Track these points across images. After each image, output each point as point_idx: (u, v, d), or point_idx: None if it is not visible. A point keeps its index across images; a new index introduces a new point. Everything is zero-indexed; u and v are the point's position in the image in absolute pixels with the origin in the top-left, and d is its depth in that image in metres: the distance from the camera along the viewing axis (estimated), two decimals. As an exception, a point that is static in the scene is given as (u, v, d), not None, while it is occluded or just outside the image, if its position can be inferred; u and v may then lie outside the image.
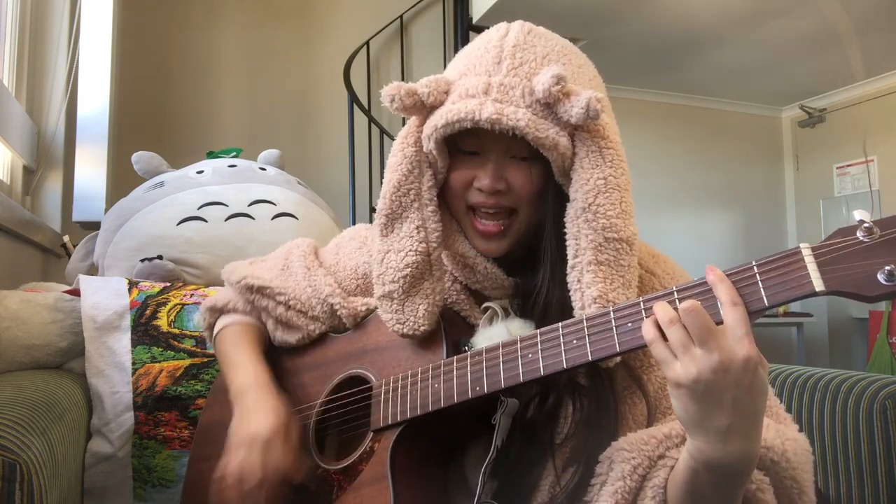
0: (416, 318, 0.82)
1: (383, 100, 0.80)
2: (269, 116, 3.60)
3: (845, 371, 1.33)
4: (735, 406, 0.60)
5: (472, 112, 0.76)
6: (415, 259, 0.82)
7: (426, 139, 0.81)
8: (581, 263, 0.76)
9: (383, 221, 0.84)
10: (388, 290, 0.83)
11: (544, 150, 0.77)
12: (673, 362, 0.61)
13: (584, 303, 0.75)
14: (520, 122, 0.75)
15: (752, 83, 5.17)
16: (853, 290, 0.57)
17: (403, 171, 0.83)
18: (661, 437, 0.73)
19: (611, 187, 0.76)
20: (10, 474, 0.66)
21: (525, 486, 0.79)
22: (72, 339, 1.25)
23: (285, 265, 1.05)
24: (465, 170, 0.82)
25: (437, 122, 0.78)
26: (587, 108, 0.73)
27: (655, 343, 0.62)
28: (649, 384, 0.80)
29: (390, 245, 0.83)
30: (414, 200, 0.83)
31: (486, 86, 0.78)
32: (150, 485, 1.19)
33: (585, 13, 3.87)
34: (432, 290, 0.83)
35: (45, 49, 2.22)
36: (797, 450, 0.73)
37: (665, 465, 0.71)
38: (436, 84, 0.80)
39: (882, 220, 0.58)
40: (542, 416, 0.79)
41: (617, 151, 0.78)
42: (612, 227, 0.76)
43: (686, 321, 0.61)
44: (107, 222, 1.56)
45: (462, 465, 0.83)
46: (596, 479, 0.74)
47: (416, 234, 0.82)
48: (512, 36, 0.82)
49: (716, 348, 0.60)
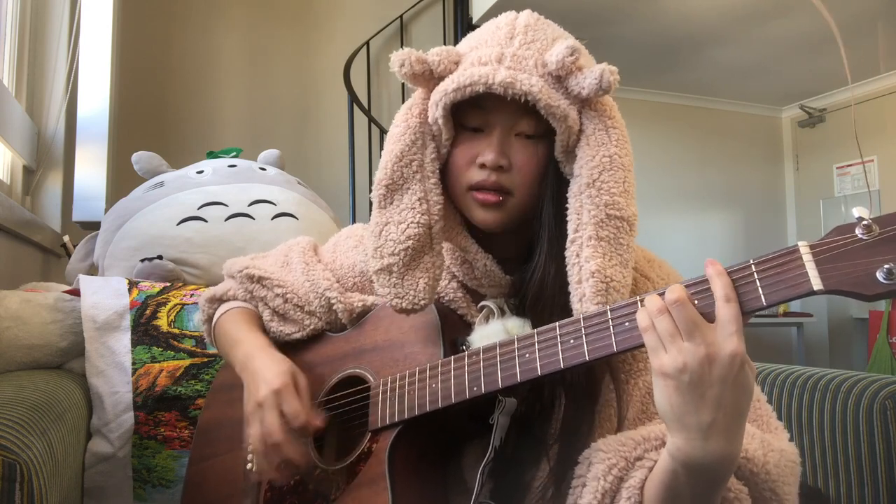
0: (416, 292, 0.81)
1: (392, 65, 0.79)
2: (269, 116, 3.60)
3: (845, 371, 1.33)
4: (718, 402, 0.60)
5: (486, 76, 0.75)
6: (416, 231, 0.80)
7: (433, 105, 0.80)
8: (581, 238, 0.76)
9: (382, 192, 0.82)
10: (388, 263, 0.81)
11: (554, 119, 0.77)
12: (660, 351, 0.62)
13: (582, 277, 0.74)
14: (533, 87, 0.75)
15: (752, 83, 5.16)
16: (852, 288, 0.57)
17: (406, 141, 0.82)
18: (640, 438, 0.73)
19: (615, 166, 0.76)
20: (10, 474, 0.66)
21: (520, 486, 0.79)
22: (72, 339, 1.25)
23: (285, 261, 1.05)
24: (469, 146, 0.81)
25: (448, 86, 0.78)
26: (601, 79, 0.73)
27: (649, 331, 0.63)
28: (636, 388, 0.80)
29: (389, 217, 0.82)
30: (416, 172, 0.82)
31: (500, 55, 0.78)
32: (150, 485, 1.20)
33: (585, 13, 3.88)
34: (432, 264, 0.82)
35: (45, 49, 2.22)
36: (780, 461, 0.72)
37: (643, 465, 0.71)
38: (447, 54, 0.80)
39: (881, 218, 0.58)
40: (536, 414, 0.79)
41: (622, 132, 0.78)
42: (614, 204, 0.76)
43: (672, 313, 0.61)
44: (107, 222, 1.56)
45: (459, 465, 0.83)
46: (577, 480, 0.74)
47: (418, 205, 0.81)
48: (523, 18, 0.82)
49: (702, 342, 0.60)
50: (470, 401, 0.75)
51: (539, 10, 0.85)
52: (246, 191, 1.57)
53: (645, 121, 5.17)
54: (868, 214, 0.58)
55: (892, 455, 1.18)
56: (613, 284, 0.74)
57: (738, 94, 5.42)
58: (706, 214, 5.49)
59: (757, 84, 5.18)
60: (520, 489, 0.79)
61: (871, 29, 4.07)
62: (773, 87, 5.28)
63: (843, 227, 0.59)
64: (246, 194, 1.56)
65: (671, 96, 5.40)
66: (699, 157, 5.48)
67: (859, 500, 1.22)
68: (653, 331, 0.62)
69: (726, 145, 5.57)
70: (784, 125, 5.86)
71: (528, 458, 0.79)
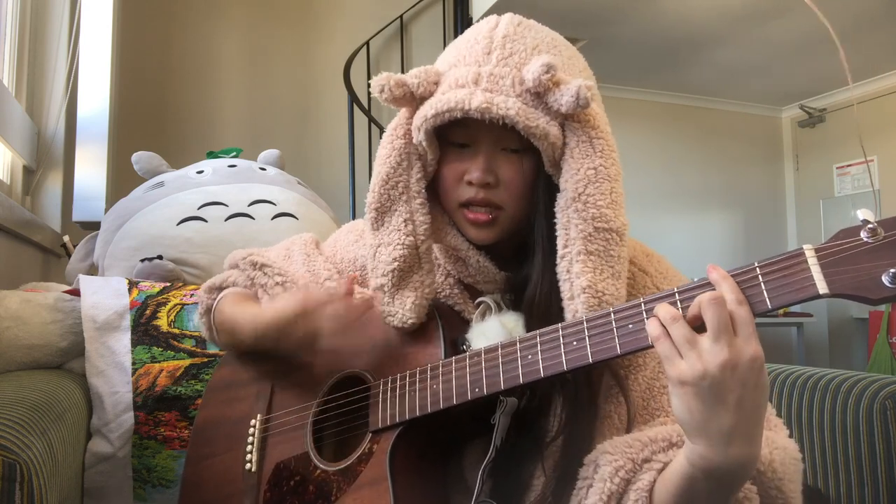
0: (404, 311, 0.82)
1: (372, 90, 0.80)
2: (269, 116, 3.60)
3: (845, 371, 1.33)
4: (739, 406, 0.59)
5: (462, 101, 0.75)
6: (402, 252, 0.82)
7: (416, 130, 0.81)
8: (570, 253, 0.76)
9: (373, 215, 0.84)
10: (380, 284, 0.84)
11: (535, 139, 0.76)
12: (677, 360, 0.61)
13: (574, 293, 0.75)
14: (510, 110, 0.75)
15: (753, 83, 5.17)
16: (857, 292, 0.56)
17: (392, 163, 0.83)
18: (647, 440, 0.72)
19: (601, 177, 0.76)
20: (10, 474, 0.66)
21: (521, 485, 0.79)
22: (72, 339, 1.25)
23: (287, 255, 1.06)
24: (456, 163, 0.82)
25: (427, 112, 0.78)
26: (577, 97, 0.73)
27: (661, 339, 0.61)
28: (636, 384, 0.80)
29: (381, 239, 0.84)
30: (402, 193, 0.83)
31: (476, 76, 0.77)
32: (150, 485, 1.19)
33: (585, 13, 3.88)
34: (421, 282, 0.83)
35: (45, 49, 2.22)
36: (785, 459, 0.72)
37: (651, 468, 0.70)
38: (425, 75, 0.80)
39: (886, 221, 0.57)
40: (536, 413, 0.79)
41: (607, 142, 0.78)
42: (602, 217, 0.75)
43: (708, 312, 0.59)
44: (107, 222, 1.56)
45: (460, 465, 0.83)
46: (582, 483, 0.73)
47: (404, 227, 0.82)
48: (502, 27, 0.81)
49: (727, 344, 0.59)
50: (471, 402, 0.75)
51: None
52: (246, 191, 1.57)
53: (645, 121, 5.17)
54: (873, 217, 0.57)
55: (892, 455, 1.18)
56: (606, 298, 0.74)
57: (738, 94, 5.42)
58: (706, 214, 5.49)
59: (757, 84, 5.19)
60: (520, 488, 0.79)
61: (871, 29, 4.07)
62: (773, 87, 5.28)
63: (847, 230, 0.58)
64: (246, 194, 1.56)
65: (671, 96, 5.40)
66: (699, 157, 5.48)
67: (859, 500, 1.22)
68: (666, 339, 0.61)
69: (726, 145, 5.57)
70: (784, 125, 5.86)
71: (528, 457, 0.79)
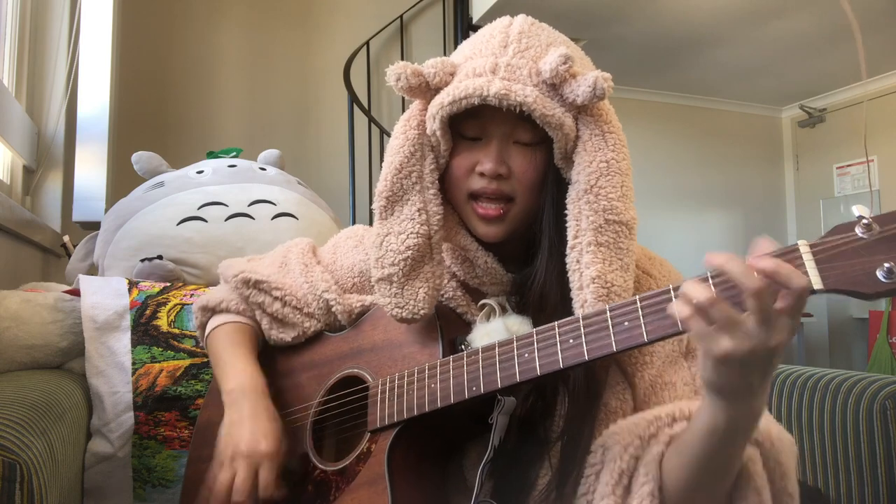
0: (416, 302, 0.82)
1: (388, 79, 0.80)
2: (269, 116, 3.60)
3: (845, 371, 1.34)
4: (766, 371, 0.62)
5: (480, 88, 0.76)
6: (416, 242, 0.81)
7: (431, 119, 0.81)
8: (581, 244, 0.76)
9: (383, 204, 0.83)
10: (388, 273, 0.82)
11: (550, 128, 0.77)
12: (719, 337, 0.58)
13: (583, 283, 0.75)
14: (528, 97, 0.75)
15: (752, 83, 5.16)
16: (852, 287, 0.56)
17: (405, 153, 0.83)
18: (651, 417, 0.74)
19: (613, 171, 0.77)
20: (10, 474, 0.66)
21: (522, 484, 0.79)
22: (72, 339, 1.25)
23: (283, 263, 1.05)
24: (468, 155, 0.82)
25: (444, 99, 0.79)
26: (594, 87, 0.74)
27: (692, 319, 0.59)
28: (641, 381, 0.81)
29: (390, 227, 0.83)
30: (416, 183, 0.82)
31: (494, 65, 0.78)
32: (150, 485, 1.20)
33: (585, 13, 3.88)
34: (432, 273, 0.83)
35: (45, 49, 2.22)
36: (780, 434, 0.74)
37: (658, 441, 0.72)
38: (442, 65, 0.80)
39: (881, 216, 0.57)
40: (537, 413, 0.79)
41: (619, 136, 0.79)
42: (612, 209, 0.76)
43: (761, 292, 0.56)
44: (107, 222, 1.56)
45: (460, 465, 0.83)
46: (590, 469, 0.74)
47: (418, 216, 0.82)
48: (517, 25, 0.83)
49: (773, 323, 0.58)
50: (469, 401, 0.75)
51: (539, 11, 0.86)
52: (246, 191, 1.57)
53: (645, 121, 5.17)
54: (868, 213, 0.57)
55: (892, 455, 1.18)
56: (615, 289, 0.75)
57: (738, 94, 5.42)
58: (706, 214, 5.49)
59: (757, 84, 5.19)
60: (521, 488, 0.79)
61: (871, 29, 4.07)
62: (773, 87, 5.28)
63: (842, 225, 0.58)
64: (246, 194, 1.56)
65: (671, 96, 5.40)
66: (699, 157, 5.48)
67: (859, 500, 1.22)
68: (698, 318, 0.59)
69: (726, 145, 5.57)
70: (784, 125, 5.86)
71: (529, 456, 0.79)
